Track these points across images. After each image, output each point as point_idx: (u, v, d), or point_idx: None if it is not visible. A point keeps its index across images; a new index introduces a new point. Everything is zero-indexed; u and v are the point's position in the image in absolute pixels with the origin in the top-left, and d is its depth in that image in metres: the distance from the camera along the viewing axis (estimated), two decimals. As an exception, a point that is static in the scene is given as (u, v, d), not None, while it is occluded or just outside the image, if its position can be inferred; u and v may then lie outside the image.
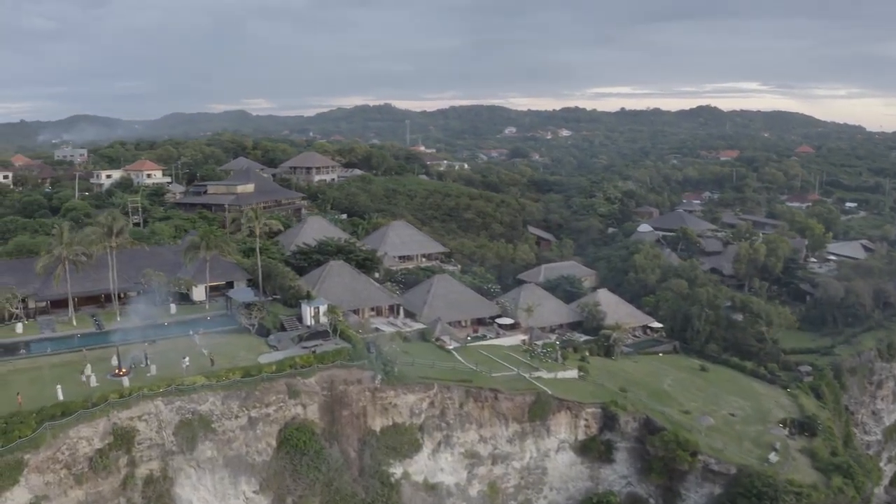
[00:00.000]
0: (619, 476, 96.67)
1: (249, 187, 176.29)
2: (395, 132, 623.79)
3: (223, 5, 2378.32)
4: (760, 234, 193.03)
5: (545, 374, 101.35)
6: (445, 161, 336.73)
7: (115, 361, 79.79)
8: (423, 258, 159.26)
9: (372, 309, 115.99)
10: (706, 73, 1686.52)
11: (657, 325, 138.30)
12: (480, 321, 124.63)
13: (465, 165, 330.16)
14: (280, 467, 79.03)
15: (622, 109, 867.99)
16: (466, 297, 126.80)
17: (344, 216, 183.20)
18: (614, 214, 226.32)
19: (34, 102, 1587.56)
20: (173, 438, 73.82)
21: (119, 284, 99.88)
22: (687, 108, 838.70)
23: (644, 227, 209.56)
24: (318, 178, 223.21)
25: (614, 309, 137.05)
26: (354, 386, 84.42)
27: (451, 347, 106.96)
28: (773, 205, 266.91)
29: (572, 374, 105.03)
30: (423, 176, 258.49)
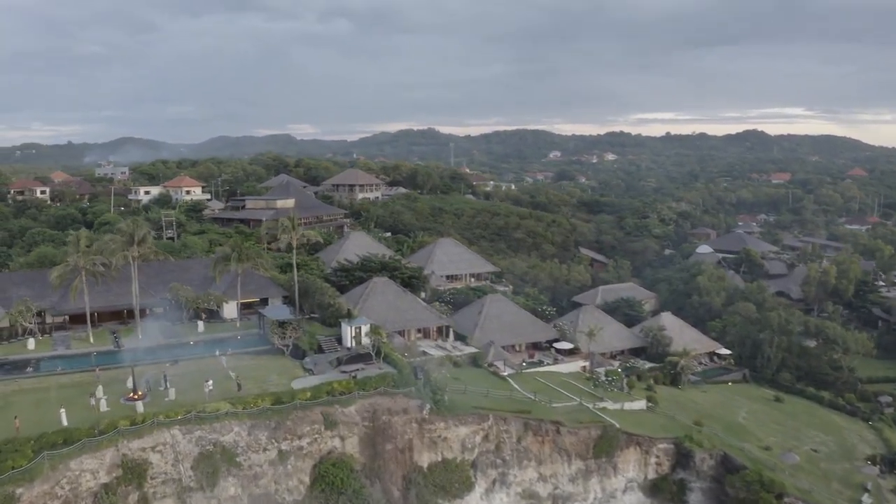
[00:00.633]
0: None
1: (290, 202, 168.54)
2: (438, 156, 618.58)
3: (270, 33, 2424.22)
4: (824, 257, 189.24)
5: (611, 405, 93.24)
6: (492, 182, 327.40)
7: (130, 384, 70.74)
8: (472, 278, 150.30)
9: (419, 330, 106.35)
10: (750, 98, 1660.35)
11: (725, 351, 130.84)
12: (536, 345, 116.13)
13: (513, 186, 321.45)
14: (314, 508, 69.66)
15: (667, 134, 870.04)
16: (521, 319, 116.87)
17: (388, 234, 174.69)
18: (669, 236, 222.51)
19: (82, 126, 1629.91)
20: (191, 473, 64.49)
21: (143, 299, 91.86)
22: (733, 133, 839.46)
23: (703, 249, 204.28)
24: (361, 195, 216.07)
25: (679, 334, 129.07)
26: (399, 416, 74.88)
27: (505, 374, 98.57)
28: (831, 227, 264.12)
29: (640, 405, 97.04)
30: (469, 196, 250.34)
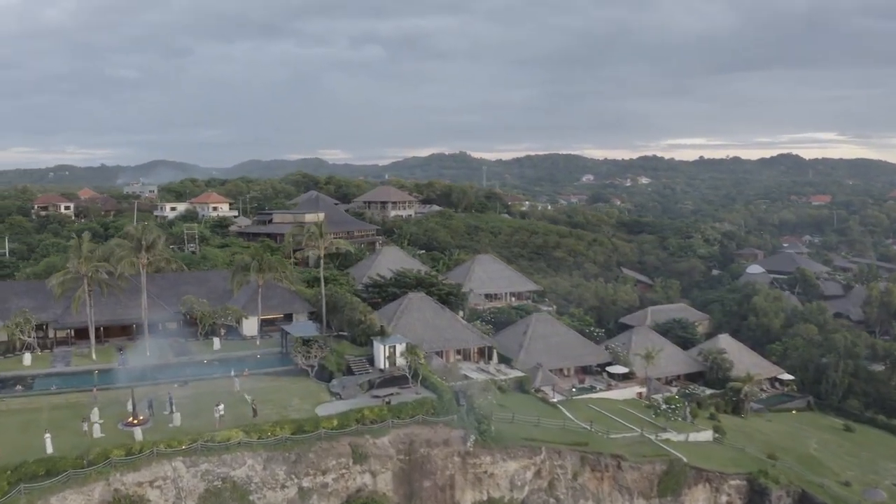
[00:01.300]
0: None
1: (319, 216, 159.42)
2: (470, 179, 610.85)
3: (301, 59, 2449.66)
4: (881, 278, 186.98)
5: (674, 436, 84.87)
6: (527, 202, 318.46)
7: (130, 406, 61.51)
8: (512, 297, 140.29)
9: (457, 352, 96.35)
10: (782, 123, 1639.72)
11: (787, 376, 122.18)
12: (584, 369, 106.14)
13: (549, 206, 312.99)
14: (340, 556, 60.09)
15: (700, 158, 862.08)
16: (570, 340, 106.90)
17: (421, 252, 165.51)
18: (715, 256, 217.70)
19: (116, 149, 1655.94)
20: (196, 513, 54.66)
21: (154, 313, 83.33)
22: (767, 157, 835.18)
23: (754, 269, 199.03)
24: (393, 213, 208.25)
25: (738, 358, 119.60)
26: (440, 449, 65.04)
27: (554, 400, 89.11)
28: (879, 248, 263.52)
29: (706, 436, 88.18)
30: (504, 215, 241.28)
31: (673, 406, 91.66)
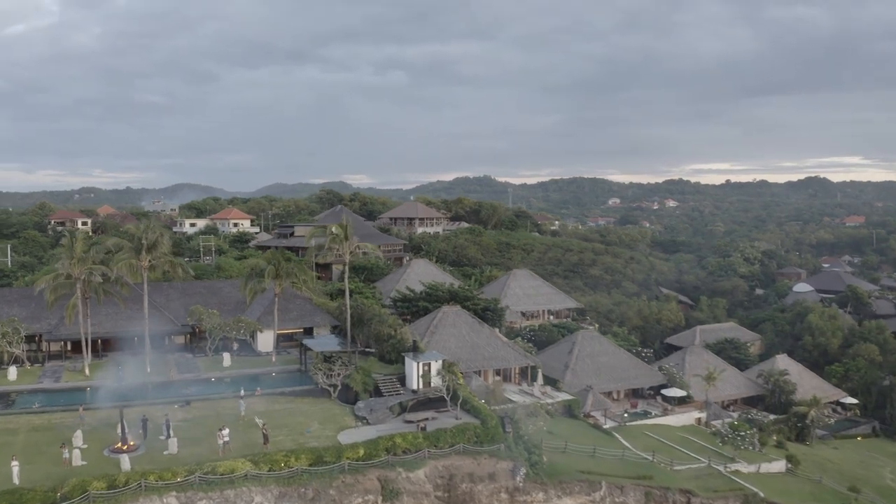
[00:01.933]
0: None
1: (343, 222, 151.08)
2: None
3: (326, 84, 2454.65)
4: None
5: (744, 468, 75.77)
6: (557, 221, 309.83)
7: (119, 430, 52.45)
8: (550, 315, 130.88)
9: (496, 372, 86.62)
10: (807, 147, 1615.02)
11: (851, 400, 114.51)
12: (636, 392, 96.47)
13: (579, 226, 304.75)
14: None
15: (727, 181, 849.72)
16: (620, 360, 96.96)
17: (451, 268, 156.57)
18: (756, 275, 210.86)
19: (142, 173, 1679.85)
20: (193, 561, 45.30)
21: (158, 325, 74.41)
22: (794, 180, 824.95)
23: (801, 287, 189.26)
24: (420, 230, 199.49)
25: (799, 380, 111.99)
26: (485, 484, 55.35)
27: (606, 426, 79.87)
28: None
29: (779, 466, 79.82)
30: (535, 233, 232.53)
31: (742, 433, 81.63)
